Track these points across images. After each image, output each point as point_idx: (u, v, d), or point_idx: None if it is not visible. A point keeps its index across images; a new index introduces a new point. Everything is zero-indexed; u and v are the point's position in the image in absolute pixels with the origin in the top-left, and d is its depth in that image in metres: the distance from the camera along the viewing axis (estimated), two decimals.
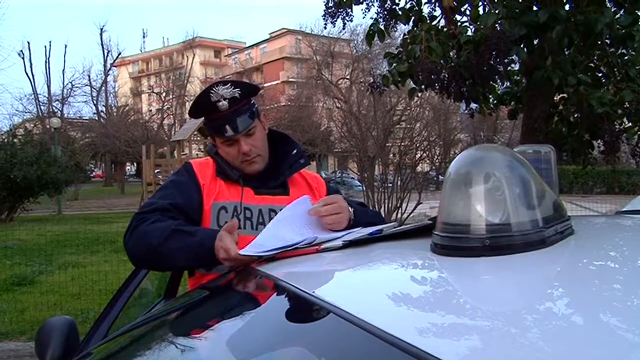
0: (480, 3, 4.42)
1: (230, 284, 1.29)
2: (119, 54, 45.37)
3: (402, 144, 12.56)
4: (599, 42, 4.15)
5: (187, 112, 42.32)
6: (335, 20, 4.67)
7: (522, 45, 4.12)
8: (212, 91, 1.61)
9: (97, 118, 41.19)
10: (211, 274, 1.53)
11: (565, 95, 4.46)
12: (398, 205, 8.94)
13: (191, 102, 1.72)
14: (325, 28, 5.08)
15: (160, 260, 1.48)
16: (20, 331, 5.14)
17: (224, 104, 1.59)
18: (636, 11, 4.07)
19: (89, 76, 42.38)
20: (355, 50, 32.99)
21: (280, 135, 1.81)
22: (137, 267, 1.75)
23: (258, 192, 1.64)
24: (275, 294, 1.01)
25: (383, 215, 6.14)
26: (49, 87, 40.41)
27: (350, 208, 1.55)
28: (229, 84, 1.62)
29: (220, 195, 1.62)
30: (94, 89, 42.07)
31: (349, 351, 0.70)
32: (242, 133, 1.63)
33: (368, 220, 1.54)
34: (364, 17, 5.06)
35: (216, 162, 1.68)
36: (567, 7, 4.10)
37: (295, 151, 1.75)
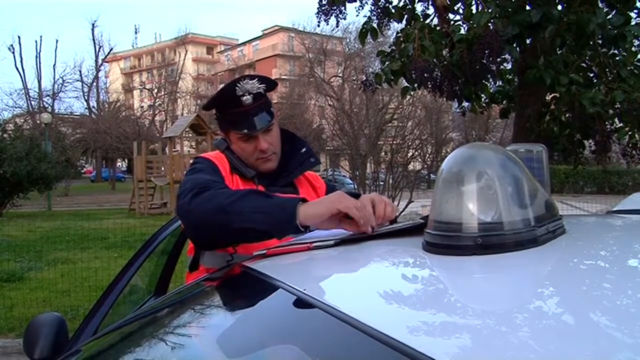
0: (473, 2, 4.43)
1: (221, 281, 1.29)
2: (111, 49, 45.04)
3: (394, 142, 12.59)
4: (591, 42, 4.18)
5: (179, 108, 42.37)
6: (329, 18, 4.68)
7: (514, 45, 4.14)
8: (238, 85, 1.56)
9: (88, 114, 40.83)
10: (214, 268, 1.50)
11: (557, 94, 4.48)
12: None
13: (183, 98, 1.68)
14: (318, 26, 5.12)
15: (230, 221, 1.30)
16: (8, 328, 5.11)
17: (248, 98, 1.56)
18: (628, 12, 4.10)
19: (80, 72, 42.03)
20: (347, 48, 33.04)
21: (288, 134, 1.77)
22: (195, 235, 1.45)
23: (270, 190, 1.62)
24: (266, 291, 1.01)
25: None
26: (39, 82, 39.93)
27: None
28: (256, 79, 1.59)
29: None
30: (85, 84, 41.69)
31: (340, 349, 0.69)
32: (262, 129, 1.60)
33: None
34: (357, 15, 5.06)
35: (229, 159, 1.64)
36: (559, 7, 4.11)
37: (304, 150, 1.72)
